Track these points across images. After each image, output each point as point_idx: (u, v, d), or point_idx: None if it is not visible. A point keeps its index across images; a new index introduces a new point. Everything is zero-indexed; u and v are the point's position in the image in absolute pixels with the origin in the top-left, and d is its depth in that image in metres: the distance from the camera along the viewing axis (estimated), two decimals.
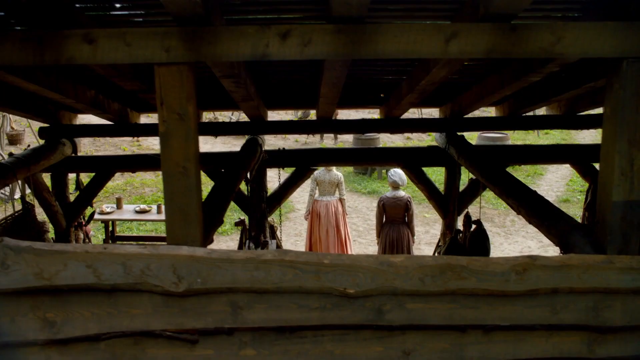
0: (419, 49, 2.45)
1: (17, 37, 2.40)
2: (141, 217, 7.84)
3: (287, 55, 2.44)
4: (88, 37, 2.40)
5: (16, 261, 2.54)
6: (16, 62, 2.41)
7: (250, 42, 2.42)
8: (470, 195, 5.87)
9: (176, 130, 2.50)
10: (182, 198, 2.56)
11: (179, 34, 2.41)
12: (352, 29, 2.42)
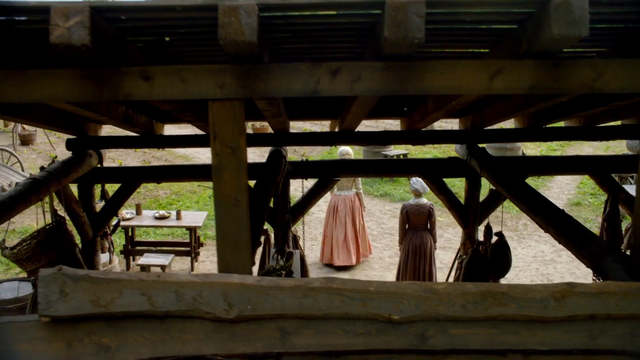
0: (464, 85, 2.53)
1: (77, 74, 2.48)
2: (160, 223, 7.94)
3: (337, 92, 2.52)
4: (145, 74, 2.49)
5: (74, 289, 2.63)
6: (76, 99, 2.49)
7: (302, 78, 2.50)
8: (490, 206, 5.95)
9: (228, 163, 2.58)
10: (234, 228, 2.65)
11: (233, 71, 2.49)
12: (400, 66, 2.50)
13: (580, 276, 8.09)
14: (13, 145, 15.57)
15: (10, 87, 2.49)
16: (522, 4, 2.37)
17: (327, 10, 2.39)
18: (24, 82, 2.49)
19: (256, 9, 2.23)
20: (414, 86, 2.53)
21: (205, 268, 8.30)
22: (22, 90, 2.50)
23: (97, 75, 2.48)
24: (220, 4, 2.23)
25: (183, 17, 2.38)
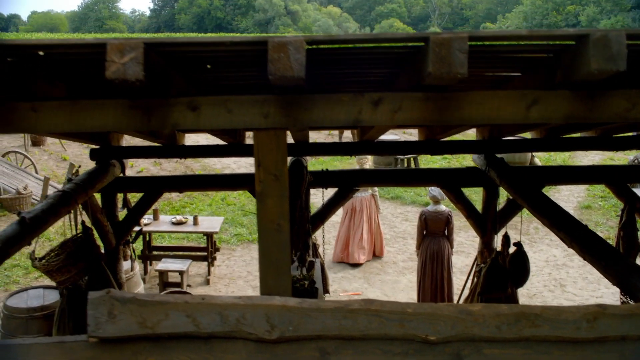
0: (502, 115, 2.60)
1: (126, 105, 2.56)
2: (178, 228, 8.02)
3: (378, 122, 2.59)
4: (192, 104, 2.57)
5: (122, 311, 2.72)
6: (124, 129, 2.58)
7: (345, 109, 2.58)
8: (507, 215, 6.02)
9: (272, 190, 2.66)
10: (276, 253, 2.73)
11: (277, 102, 2.57)
12: (440, 97, 2.57)
13: (593, 281, 8.16)
14: (25, 146, 15.66)
15: (62, 117, 2.58)
16: (562, 37, 2.44)
17: (374, 44, 2.46)
18: (76, 112, 2.57)
19: (304, 44, 2.31)
20: (453, 116, 2.61)
21: (221, 273, 8.39)
22: (73, 120, 2.58)
23: (146, 106, 2.56)
24: (270, 40, 2.31)
25: (232, 51, 2.46)
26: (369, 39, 2.38)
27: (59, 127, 2.61)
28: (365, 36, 2.38)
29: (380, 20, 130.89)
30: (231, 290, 7.90)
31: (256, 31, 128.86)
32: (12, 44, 2.34)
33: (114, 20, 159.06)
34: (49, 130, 2.60)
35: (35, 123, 2.58)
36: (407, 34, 2.37)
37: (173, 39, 2.37)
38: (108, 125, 2.60)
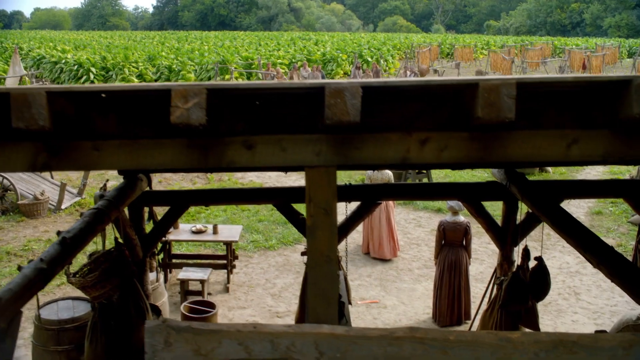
0: (543, 153, 2.72)
1: (184, 144, 2.68)
2: (198, 237, 8.15)
3: (425, 160, 2.71)
4: (247, 143, 2.68)
5: (177, 339, 2.85)
6: (182, 166, 2.69)
7: (393, 148, 2.69)
8: (527, 228, 6.12)
9: (322, 224, 2.78)
10: (325, 283, 2.84)
11: (329, 141, 2.68)
12: (485, 136, 2.69)
13: (607, 289, 8.26)
14: None
15: (123, 155, 2.69)
16: (604, 84, 2.55)
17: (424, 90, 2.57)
18: (136, 150, 2.69)
19: (360, 90, 2.43)
20: (496, 155, 2.72)
21: (240, 280, 8.51)
22: (133, 158, 2.70)
23: (203, 145, 2.68)
24: (327, 86, 2.42)
25: (289, 95, 2.58)
26: (420, 85, 2.50)
27: (120, 165, 2.73)
28: (417, 82, 2.49)
29: (384, 17, 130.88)
30: (250, 298, 8.03)
31: (259, 28, 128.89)
32: (82, 90, 2.45)
33: (117, 17, 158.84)
34: (111, 167, 2.72)
35: (97, 160, 2.70)
36: (458, 81, 2.49)
37: (234, 84, 2.49)
38: (167, 164, 2.71)
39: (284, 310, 7.74)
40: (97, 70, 28.68)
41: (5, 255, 9.26)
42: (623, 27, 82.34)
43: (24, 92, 2.40)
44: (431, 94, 2.76)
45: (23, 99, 2.40)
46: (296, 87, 2.47)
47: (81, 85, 2.44)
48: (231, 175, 13.85)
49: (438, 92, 2.70)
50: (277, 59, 32.53)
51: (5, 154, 2.69)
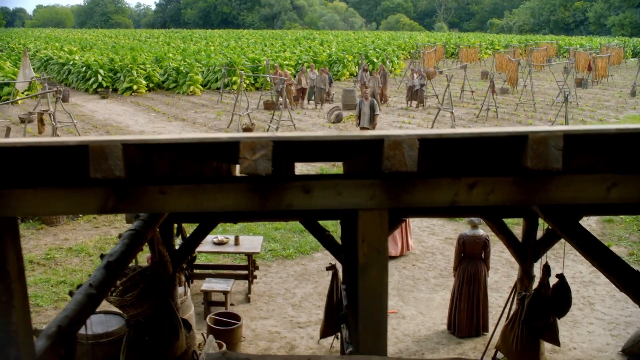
0: (584, 196, 2.87)
1: (245, 188, 2.83)
2: (220, 249, 8.31)
3: (473, 203, 2.86)
4: (305, 187, 2.84)
5: None
6: (243, 208, 2.84)
7: (443, 192, 2.84)
8: (547, 244, 6.28)
9: (374, 262, 2.94)
10: (376, 317, 3.00)
11: (382, 186, 2.83)
12: (529, 181, 2.84)
13: (621, 299, 8.41)
14: None
15: (187, 199, 2.85)
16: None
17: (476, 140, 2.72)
18: (199, 194, 2.84)
19: (417, 143, 2.58)
20: (540, 197, 2.88)
21: (260, 290, 8.68)
22: (197, 201, 2.85)
23: (263, 189, 2.83)
24: (386, 138, 2.58)
25: (349, 145, 2.73)
26: (473, 137, 2.65)
27: (184, 207, 2.89)
28: (471, 134, 2.64)
29: (386, 15, 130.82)
30: (272, 308, 8.19)
31: (262, 26, 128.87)
32: (156, 142, 2.60)
33: (120, 14, 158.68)
34: (175, 210, 2.88)
35: (163, 204, 2.86)
36: (508, 133, 2.64)
37: (298, 136, 2.64)
38: (228, 207, 2.87)
39: (305, 320, 7.91)
40: (105, 72, 28.84)
41: (28, 264, 9.44)
42: (627, 26, 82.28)
43: (101, 144, 2.55)
44: (481, 143, 2.91)
45: (100, 151, 2.56)
46: (359, 141, 2.62)
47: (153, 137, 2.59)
48: None
49: (488, 141, 2.85)
50: (283, 60, 32.68)
51: (77, 198, 2.85)
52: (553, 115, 22.60)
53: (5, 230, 2.87)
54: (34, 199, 2.82)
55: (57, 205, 2.86)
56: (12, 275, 2.93)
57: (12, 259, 2.93)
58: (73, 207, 2.89)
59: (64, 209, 2.90)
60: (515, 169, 2.76)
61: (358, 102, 16.81)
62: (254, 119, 21.36)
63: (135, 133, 19.68)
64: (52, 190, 2.84)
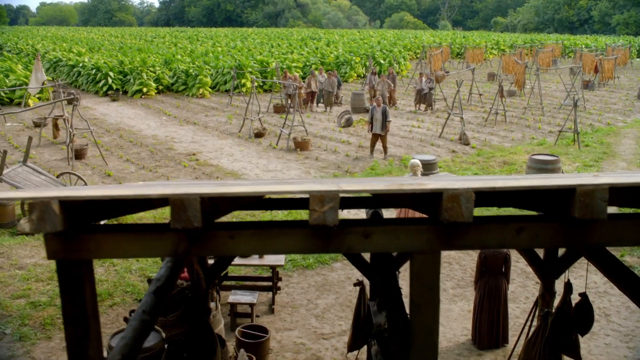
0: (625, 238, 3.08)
1: (308, 233, 3.04)
2: (245, 261, 8.52)
3: (519, 246, 3.07)
4: (366, 232, 3.04)
5: None
6: (306, 252, 3.06)
7: (492, 235, 3.05)
8: (569, 261, 6.47)
9: (426, 300, 3.14)
10: (426, 350, 3.21)
11: (437, 231, 3.04)
12: (572, 226, 3.04)
13: (636, 310, 8.61)
14: (68, 159, 16.21)
15: (254, 242, 3.06)
16: None
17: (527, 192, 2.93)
18: (265, 238, 3.06)
19: (473, 196, 2.78)
20: (583, 240, 3.08)
21: (283, 301, 8.89)
22: (263, 244, 3.07)
23: (326, 234, 3.04)
24: (445, 192, 2.78)
25: (408, 195, 2.94)
26: (525, 188, 2.85)
27: (252, 251, 3.11)
28: (522, 186, 2.85)
29: (390, 13, 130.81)
30: (295, 319, 8.41)
31: (265, 24, 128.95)
32: (231, 195, 2.81)
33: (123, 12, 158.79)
34: (244, 253, 3.10)
35: (232, 247, 3.07)
36: (557, 185, 2.84)
37: (362, 189, 2.85)
38: (293, 250, 3.09)
39: (328, 332, 8.12)
40: (115, 75, 29.06)
41: (54, 274, 9.65)
42: (631, 24, 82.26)
43: (180, 197, 2.76)
44: (531, 193, 3.12)
45: (180, 204, 2.77)
46: (417, 191, 2.83)
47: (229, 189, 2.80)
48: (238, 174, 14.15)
49: (538, 192, 3.06)
50: (291, 62, 32.88)
51: (150, 242, 3.06)
52: (561, 119, 22.78)
53: (84, 272, 3.09)
54: (110, 243, 3.03)
55: (132, 249, 3.07)
56: (88, 312, 3.15)
57: (89, 297, 3.15)
58: (146, 251, 3.10)
59: (138, 252, 3.11)
60: (561, 215, 2.96)
61: (370, 109, 17.00)
62: (265, 122, 21.56)
63: (148, 137, 19.92)
64: (127, 235, 3.05)
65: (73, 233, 2.95)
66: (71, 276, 3.07)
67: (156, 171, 15.74)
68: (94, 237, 3.00)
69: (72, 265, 3.05)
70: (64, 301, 3.11)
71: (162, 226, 3.05)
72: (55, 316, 8.35)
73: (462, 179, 3.22)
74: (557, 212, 3.02)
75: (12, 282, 9.39)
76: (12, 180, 12.12)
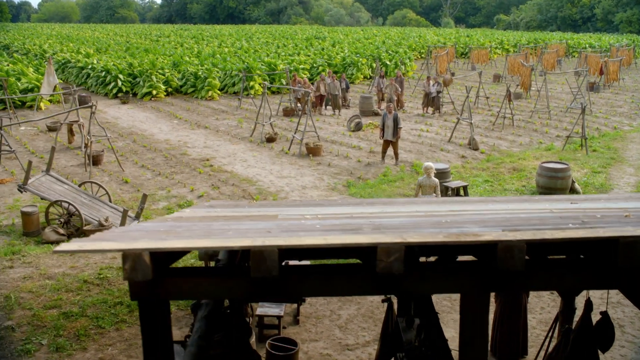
0: None
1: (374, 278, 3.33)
2: None
3: (564, 289, 3.35)
4: (423, 275, 3.33)
5: None
6: (367, 294, 3.34)
7: (539, 281, 3.34)
8: None
9: (475, 338, 3.43)
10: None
11: (488, 275, 3.32)
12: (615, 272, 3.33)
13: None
14: (85, 165, 16.50)
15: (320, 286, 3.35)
16: None
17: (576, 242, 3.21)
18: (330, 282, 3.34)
19: (525, 247, 3.06)
20: (625, 284, 3.36)
21: (307, 312, 9.18)
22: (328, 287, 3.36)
23: (389, 279, 3.32)
24: (500, 243, 3.06)
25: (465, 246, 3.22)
26: (572, 240, 3.13)
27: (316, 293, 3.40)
28: (569, 238, 3.12)
29: (392, 9, 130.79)
30: (320, 330, 8.70)
31: (268, 21, 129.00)
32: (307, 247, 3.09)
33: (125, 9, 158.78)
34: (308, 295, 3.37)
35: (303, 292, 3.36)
36: (603, 238, 3.13)
37: (425, 241, 3.13)
38: (356, 293, 3.38)
39: (353, 342, 8.41)
40: (124, 77, 29.33)
41: (84, 284, 9.96)
42: (634, 22, 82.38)
43: (260, 249, 3.04)
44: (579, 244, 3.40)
45: (260, 255, 3.05)
46: (473, 243, 3.11)
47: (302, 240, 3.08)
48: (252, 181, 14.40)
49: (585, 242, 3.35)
50: (298, 64, 33.13)
51: (224, 286, 3.35)
52: (568, 122, 23.05)
53: (164, 310, 3.38)
54: (190, 286, 3.33)
55: (209, 291, 3.37)
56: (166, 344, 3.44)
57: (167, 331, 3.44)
58: (220, 294, 3.40)
59: (212, 294, 3.41)
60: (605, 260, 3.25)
61: (382, 116, 17.27)
62: (275, 126, 21.81)
63: (161, 142, 20.20)
64: (205, 280, 3.35)
65: (156, 276, 3.23)
66: (152, 314, 3.36)
67: (172, 178, 16.02)
68: (175, 281, 3.29)
69: (154, 305, 3.34)
70: (145, 335, 3.41)
71: (236, 270, 3.34)
72: (88, 327, 8.64)
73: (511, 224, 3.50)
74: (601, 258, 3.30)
75: (43, 292, 9.68)
76: (37, 190, 12.42)
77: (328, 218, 4.20)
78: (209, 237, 3.19)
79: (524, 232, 3.14)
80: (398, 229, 3.44)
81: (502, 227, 3.38)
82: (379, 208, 4.97)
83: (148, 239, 3.19)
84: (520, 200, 5.84)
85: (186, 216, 4.70)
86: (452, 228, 3.40)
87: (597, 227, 3.29)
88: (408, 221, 3.94)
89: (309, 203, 5.76)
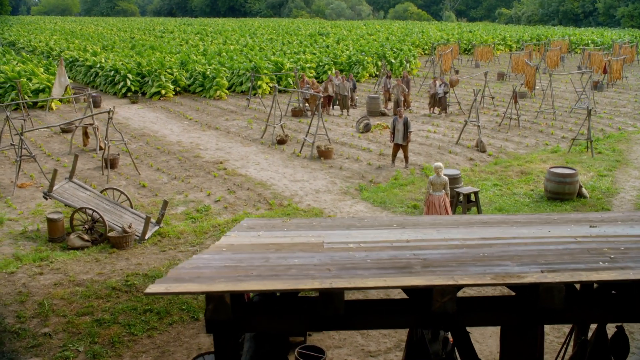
0: None
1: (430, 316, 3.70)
2: None
3: (598, 322, 3.72)
4: (464, 310, 3.71)
5: None
6: (409, 327, 3.72)
7: (575, 314, 3.71)
8: None
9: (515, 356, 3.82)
10: None
11: (529, 310, 3.70)
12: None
13: None
14: (102, 169, 16.85)
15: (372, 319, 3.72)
16: None
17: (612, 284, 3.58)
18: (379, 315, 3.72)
19: (564, 288, 3.44)
20: None
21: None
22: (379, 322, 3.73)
23: (442, 316, 3.70)
24: (541, 285, 3.44)
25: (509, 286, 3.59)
26: (607, 282, 3.51)
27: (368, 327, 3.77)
28: (604, 280, 3.50)
29: (394, 3, 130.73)
30: (342, 337, 9.10)
31: (269, 14, 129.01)
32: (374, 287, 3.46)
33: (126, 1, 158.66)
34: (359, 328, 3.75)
35: (349, 324, 3.74)
36: (630, 280, 3.50)
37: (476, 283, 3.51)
38: (400, 326, 3.75)
39: (374, 349, 8.80)
40: (133, 77, 29.63)
41: (112, 291, 10.35)
42: (636, 17, 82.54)
43: (329, 291, 3.42)
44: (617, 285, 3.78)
45: (329, 297, 3.43)
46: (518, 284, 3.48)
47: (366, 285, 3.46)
48: (266, 185, 14.72)
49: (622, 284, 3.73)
50: (304, 63, 33.43)
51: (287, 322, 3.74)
52: (573, 123, 23.40)
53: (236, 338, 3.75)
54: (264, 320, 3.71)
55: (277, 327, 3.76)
56: None
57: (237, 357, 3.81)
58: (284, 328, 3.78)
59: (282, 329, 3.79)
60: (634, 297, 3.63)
61: (392, 120, 17.61)
62: (285, 127, 22.15)
63: (174, 144, 20.54)
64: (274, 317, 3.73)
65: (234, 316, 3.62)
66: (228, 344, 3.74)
67: (188, 182, 16.39)
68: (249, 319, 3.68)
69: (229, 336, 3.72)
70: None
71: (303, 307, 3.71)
72: (121, 334, 9.02)
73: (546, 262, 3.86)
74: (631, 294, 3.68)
75: (75, 299, 10.07)
76: (62, 197, 12.79)
77: (371, 249, 4.55)
78: (280, 279, 3.55)
79: (562, 274, 3.51)
80: (445, 268, 3.81)
81: (539, 266, 3.75)
82: (412, 232, 5.32)
83: (224, 278, 3.56)
84: (540, 222, 6.20)
85: (237, 243, 5.05)
86: (494, 267, 3.77)
87: (627, 267, 3.65)
88: (449, 254, 4.30)
89: (341, 224, 6.12)
